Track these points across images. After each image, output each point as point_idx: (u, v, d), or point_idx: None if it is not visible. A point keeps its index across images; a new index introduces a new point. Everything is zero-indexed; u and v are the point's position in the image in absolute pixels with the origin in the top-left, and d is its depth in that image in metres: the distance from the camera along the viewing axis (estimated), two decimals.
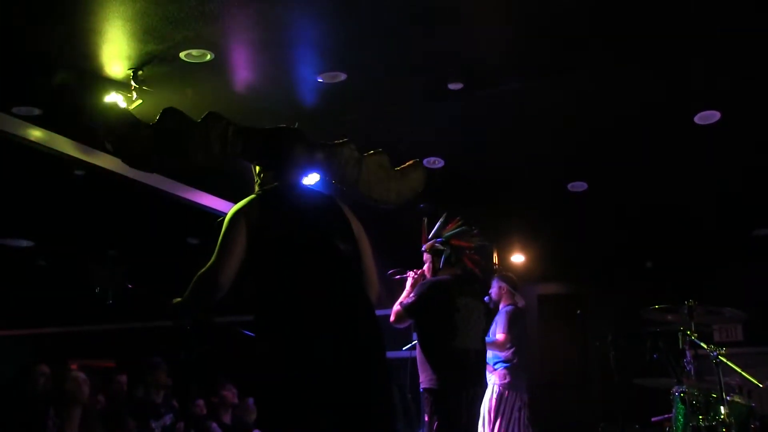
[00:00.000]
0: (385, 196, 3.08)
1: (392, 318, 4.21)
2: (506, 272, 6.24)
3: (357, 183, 2.99)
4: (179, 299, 2.53)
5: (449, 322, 4.05)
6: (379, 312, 2.64)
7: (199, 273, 2.45)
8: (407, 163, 3.18)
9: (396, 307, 4.24)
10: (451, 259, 4.29)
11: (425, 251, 4.40)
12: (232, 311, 2.56)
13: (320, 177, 3.11)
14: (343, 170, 2.95)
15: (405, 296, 4.34)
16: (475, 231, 4.43)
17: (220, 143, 2.70)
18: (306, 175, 2.99)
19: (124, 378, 6.38)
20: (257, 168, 2.86)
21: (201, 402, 6.51)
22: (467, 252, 4.37)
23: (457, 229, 4.36)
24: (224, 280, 2.40)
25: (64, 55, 4.36)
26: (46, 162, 5.46)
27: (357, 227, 2.71)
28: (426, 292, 4.15)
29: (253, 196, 2.63)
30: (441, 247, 4.31)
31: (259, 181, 2.84)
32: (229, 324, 2.93)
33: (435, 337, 4.07)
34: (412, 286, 4.39)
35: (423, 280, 4.37)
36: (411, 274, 4.48)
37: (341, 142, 2.98)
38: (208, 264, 2.44)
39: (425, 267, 4.40)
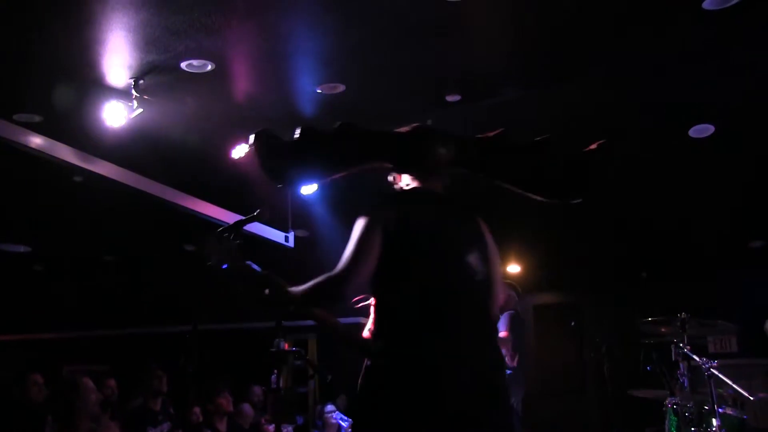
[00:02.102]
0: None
1: None
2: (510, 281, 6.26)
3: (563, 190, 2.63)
4: (297, 289, 2.33)
5: None
6: None
7: (328, 275, 2.23)
8: (593, 145, 2.61)
9: None
10: None
11: None
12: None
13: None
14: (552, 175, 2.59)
15: None
16: None
17: (356, 152, 2.49)
18: (448, 180, 2.65)
19: (113, 382, 6.37)
20: (393, 172, 2.62)
21: (197, 410, 6.51)
22: None
23: None
24: (351, 290, 2.24)
25: (66, 64, 4.40)
26: (45, 169, 5.48)
27: (492, 246, 2.45)
28: None
29: (387, 198, 2.46)
30: None
31: (394, 184, 2.62)
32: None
33: None
34: None
35: None
36: None
37: (542, 138, 2.61)
38: (339, 269, 2.22)
39: None
